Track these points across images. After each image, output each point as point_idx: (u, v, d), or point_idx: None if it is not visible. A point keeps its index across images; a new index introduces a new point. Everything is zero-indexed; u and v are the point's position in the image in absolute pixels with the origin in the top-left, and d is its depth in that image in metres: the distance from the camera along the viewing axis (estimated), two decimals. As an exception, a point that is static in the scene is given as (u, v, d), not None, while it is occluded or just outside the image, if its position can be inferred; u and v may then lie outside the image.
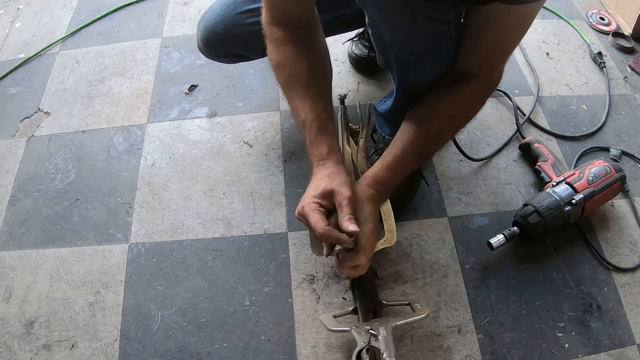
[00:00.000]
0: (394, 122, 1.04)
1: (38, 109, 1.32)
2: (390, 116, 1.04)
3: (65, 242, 1.07)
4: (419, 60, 0.83)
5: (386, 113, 1.04)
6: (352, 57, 1.35)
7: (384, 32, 0.81)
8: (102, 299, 0.98)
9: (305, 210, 0.75)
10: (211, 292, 0.99)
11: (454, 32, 0.78)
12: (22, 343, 0.93)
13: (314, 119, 0.80)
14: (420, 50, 0.80)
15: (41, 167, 1.20)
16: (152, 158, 1.20)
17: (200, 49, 1.08)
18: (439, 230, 1.07)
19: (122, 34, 1.49)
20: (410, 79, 0.89)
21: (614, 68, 1.40)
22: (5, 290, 1.01)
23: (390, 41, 0.82)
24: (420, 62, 0.83)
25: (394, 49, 0.84)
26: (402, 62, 0.86)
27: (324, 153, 0.80)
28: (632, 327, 0.95)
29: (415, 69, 0.86)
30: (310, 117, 0.80)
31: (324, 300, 0.97)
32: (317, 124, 0.80)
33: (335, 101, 1.10)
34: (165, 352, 0.92)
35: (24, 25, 1.56)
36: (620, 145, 1.22)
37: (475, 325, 0.94)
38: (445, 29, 0.77)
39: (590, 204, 1.01)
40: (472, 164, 1.17)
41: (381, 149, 1.08)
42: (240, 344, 0.93)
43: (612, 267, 1.02)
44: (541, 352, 0.92)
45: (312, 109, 0.81)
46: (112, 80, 1.37)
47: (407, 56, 0.84)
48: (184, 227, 1.08)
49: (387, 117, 1.05)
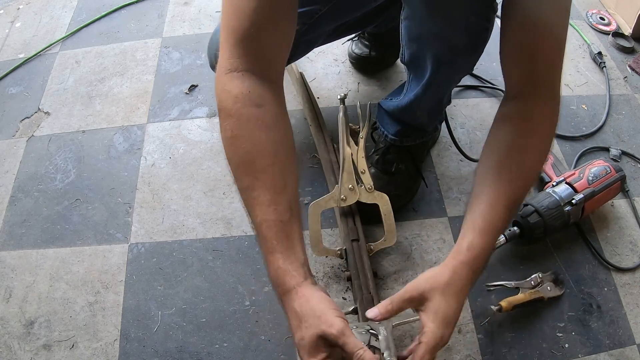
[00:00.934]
0: (401, 122, 1.03)
1: (38, 109, 1.32)
2: (399, 114, 1.02)
3: (65, 242, 1.07)
4: (454, 56, 0.82)
5: (395, 111, 1.02)
6: (352, 56, 1.34)
7: (426, 27, 0.78)
8: (102, 299, 0.98)
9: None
10: (211, 292, 0.99)
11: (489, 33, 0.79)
12: (22, 343, 0.93)
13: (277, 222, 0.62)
14: (457, 44, 0.78)
15: (41, 167, 1.20)
16: (152, 158, 1.20)
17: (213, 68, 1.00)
18: (439, 230, 1.07)
19: (122, 34, 1.49)
20: (440, 77, 0.88)
21: (614, 68, 1.40)
22: (5, 290, 1.01)
23: (433, 35, 0.79)
24: (453, 59, 0.82)
25: (432, 43, 0.81)
26: (437, 58, 0.82)
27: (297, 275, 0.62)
28: (632, 327, 0.95)
29: (447, 66, 0.84)
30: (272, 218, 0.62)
31: (324, 300, 0.97)
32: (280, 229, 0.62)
33: (336, 101, 1.11)
34: (165, 352, 0.92)
35: (24, 25, 1.56)
36: (620, 145, 1.22)
37: (475, 325, 0.94)
38: (485, 27, 0.77)
39: (590, 204, 1.01)
40: (472, 164, 1.17)
41: (381, 149, 1.08)
42: (240, 344, 0.93)
43: (612, 267, 1.02)
44: (541, 352, 0.92)
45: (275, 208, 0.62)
46: (112, 80, 1.37)
47: (444, 51, 0.81)
48: (184, 227, 1.08)
49: (394, 115, 1.03)
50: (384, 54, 1.30)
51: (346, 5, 0.94)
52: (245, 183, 0.63)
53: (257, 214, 0.62)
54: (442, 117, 1.08)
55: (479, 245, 0.66)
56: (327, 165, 1.09)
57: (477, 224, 0.66)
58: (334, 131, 1.15)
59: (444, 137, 1.21)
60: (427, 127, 1.05)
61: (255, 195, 0.62)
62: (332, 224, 1.07)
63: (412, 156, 1.08)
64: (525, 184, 0.70)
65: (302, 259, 0.63)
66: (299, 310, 0.60)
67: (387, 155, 1.07)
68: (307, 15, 0.91)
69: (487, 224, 0.66)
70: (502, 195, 0.67)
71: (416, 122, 1.02)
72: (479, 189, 0.70)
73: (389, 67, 1.35)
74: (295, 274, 0.62)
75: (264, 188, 0.61)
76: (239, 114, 0.62)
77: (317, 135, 1.15)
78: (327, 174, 1.08)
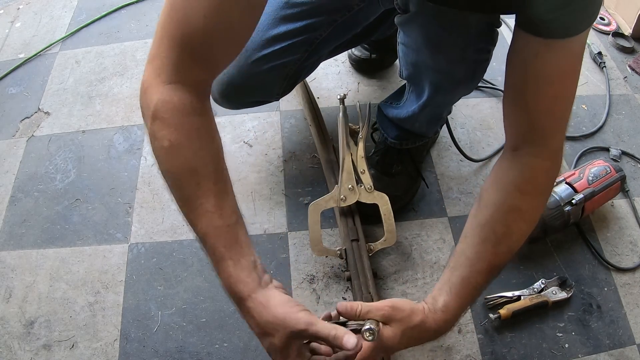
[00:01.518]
0: (402, 129, 1.03)
1: (38, 109, 1.32)
2: (399, 122, 1.02)
3: (65, 242, 1.07)
4: (454, 86, 0.82)
5: (395, 119, 1.02)
6: (352, 58, 1.34)
7: (424, 58, 0.79)
8: (102, 299, 0.98)
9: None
10: (211, 292, 0.99)
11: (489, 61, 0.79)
12: (22, 343, 0.93)
13: (223, 227, 0.60)
14: (457, 76, 0.79)
15: (41, 167, 1.20)
16: (152, 158, 1.20)
17: (217, 102, 0.97)
18: (439, 230, 1.07)
19: (122, 34, 1.49)
20: (438, 100, 0.88)
21: (614, 68, 1.40)
22: (5, 290, 1.01)
23: (430, 67, 0.80)
24: (455, 87, 0.83)
25: (430, 74, 0.82)
26: (435, 85, 0.83)
27: (250, 281, 0.60)
28: (632, 327, 0.95)
29: (446, 92, 0.85)
30: (219, 224, 0.60)
31: (324, 300, 0.97)
32: (228, 234, 0.60)
33: (336, 101, 1.11)
34: (165, 352, 0.92)
35: (24, 25, 1.56)
36: (620, 145, 1.22)
37: (475, 325, 0.94)
38: (486, 58, 0.78)
39: (590, 204, 1.01)
40: (472, 164, 1.17)
41: (381, 150, 1.08)
42: (240, 344, 0.93)
43: (612, 267, 1.02)
44: (541, 352, 0.92)
45: (221, 213, 0.60)
46: (112, 80, 1.37)
47: (442, 81, 0.82)
48: (184, 227, 1.08)
49: (394, 122, 1.03)
50: (384, 56, 1.30)
51: (345, 26, 0.93)
52: (187, 192, 0.60)
53: (203, 222, 0.60)
54: (443, 122, 1.08)
55: (453, 309, 0.66)
56: (327, 165, 1.09)
57: (454, 286, 0.66)
58: (333, 131, 1.15)
59: (444, 137, 1.21)
60: (427, 133, 1.05)
61: (199, 204, 0.59)
62: (332, 224, 1.07)
63: (411, 157, 1.09)
64: (510, 248, 0.67)
65: (252, 261, 0.62)
66: (259, 319, 0.60)
67: (387, 157, 1.07)
68: (307, 42, 0.90)
69: (464, 288, 0.66)
70: (483, 260, 0.66)
71: (416, 130, 1.02)
72: (463, 246, 0.68)
73: (389, 68, 1.35)
74: (249, 281, 0.60)
75: (208, 195, 0.59)
76: (180, 123, 0.59)
77: (317, 135, 1.15)
78: (327, 174, 1.09)
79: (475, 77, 0.83)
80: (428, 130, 1.04)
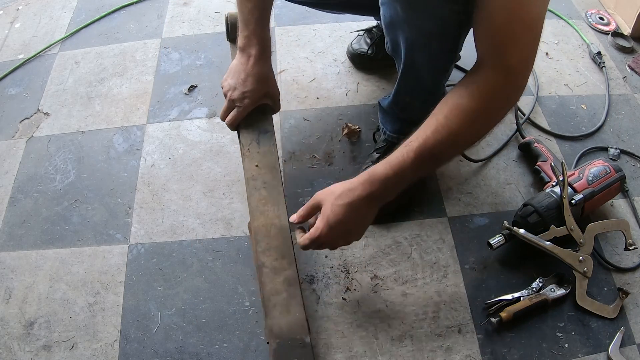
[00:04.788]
0: (396, 117, 1.04)
1: (37, 110, 1.32)
2: (392, 110, 1.04)
3: (65, 243, 1.07)
4: (426, 40, 0.84)
5: (389, 107, 1.05)
6: (350, 51, 1.36)
7: (396, 11, 0.82)
8: (102, 300, 0.98)
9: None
10: (211, 292, 0.99)
11: (463, 16, 0.78)
12: (22, 344, 0.93)
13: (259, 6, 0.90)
14: (428, 29, 0.81)
15: (41, 168, 1.20)
16: (151, 159, 1.20)
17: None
18: (439, 230, 1.07)
19: (121, 35, 1.49)
20: (416, 61, 0.89)
21: (613, 68, 1.40)
22: (5, 291, 1.01)
23: (402, 20, 0.83)
24: (427, 42, 0.84)
25: (403, 28, 0.84)
26: (410, 43, 0.86)
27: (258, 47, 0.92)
28: (632, 327, 0.95)
29: (421, 50, 0.86)
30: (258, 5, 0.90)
31: (323, 300, 0.97)
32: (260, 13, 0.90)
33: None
34: (165, 353, 0.92)
35: (24, 26, 1.56)
36: (620, 145, 1.22)
37: (475, 325, 0.94)
38: (455, 9, 0.78)
39: (590, 204, 1.01)
40: (471, 164, 1.17)
41: (382, 148, 1.08)
42: (240, 344, 0.93)
43: (612, 267, 1.02)
44: (541, 352, 0.92)
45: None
46: (111, 80, 1.37)
47: (415, 36, 0.84)
48: (183, 228, 1.08)
49: (389, 111, 1.05)
50: (381, 51, 1.31)
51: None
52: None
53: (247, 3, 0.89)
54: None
55: (378, 172, 0.76)
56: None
57: (388, 158, 0.77)
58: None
59: (444, 137, 1.21)
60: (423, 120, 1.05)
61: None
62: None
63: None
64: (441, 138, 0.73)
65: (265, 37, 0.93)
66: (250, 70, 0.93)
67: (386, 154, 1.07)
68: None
69: (394, 159, 0.76)
70: (417, 139, 0.75)
71: (410, 114, 1.02)
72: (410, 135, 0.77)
73: (388, 67, 1.35)
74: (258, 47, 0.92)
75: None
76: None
77: None
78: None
79: (449, 34, 0.84)
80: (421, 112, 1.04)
